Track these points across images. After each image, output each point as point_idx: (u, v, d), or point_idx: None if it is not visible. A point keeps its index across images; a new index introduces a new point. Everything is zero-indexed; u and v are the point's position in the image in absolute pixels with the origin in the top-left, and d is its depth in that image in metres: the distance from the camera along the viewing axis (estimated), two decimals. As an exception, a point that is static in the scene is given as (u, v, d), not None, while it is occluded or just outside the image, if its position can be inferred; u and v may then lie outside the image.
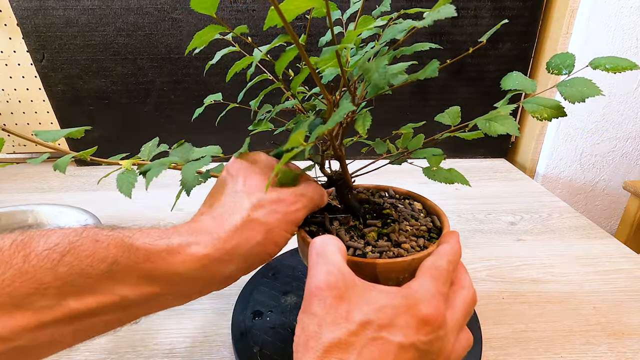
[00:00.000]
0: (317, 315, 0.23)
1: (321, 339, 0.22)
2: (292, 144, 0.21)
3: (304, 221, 0.36)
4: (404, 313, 0.23)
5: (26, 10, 0.76)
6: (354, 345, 0.22)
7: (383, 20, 0.29)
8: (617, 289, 0.47)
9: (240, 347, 0.38)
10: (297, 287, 0.47)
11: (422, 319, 0.23)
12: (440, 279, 0.25)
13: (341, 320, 0.22)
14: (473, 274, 0.50)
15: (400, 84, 0.26)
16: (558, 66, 0.27)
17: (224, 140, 0.86)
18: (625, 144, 0.86)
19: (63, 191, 0.80)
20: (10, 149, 0.97)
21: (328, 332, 0.22)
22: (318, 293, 0.23)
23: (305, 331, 0.23)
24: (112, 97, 0.86)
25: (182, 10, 0.78)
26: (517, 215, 0.66)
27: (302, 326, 0.23)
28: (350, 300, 0.23)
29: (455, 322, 0.25)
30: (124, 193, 0.27)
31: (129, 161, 0.28)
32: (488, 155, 0.96)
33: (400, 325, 0.22)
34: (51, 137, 0.28)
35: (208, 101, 0.40)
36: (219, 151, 0.31)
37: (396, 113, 0.89)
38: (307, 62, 0.23)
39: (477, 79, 0.86)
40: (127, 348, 0.40)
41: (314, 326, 0.22)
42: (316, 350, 0.22)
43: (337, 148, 0.33)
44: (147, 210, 0.69)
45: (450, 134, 0.32)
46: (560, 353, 0.39)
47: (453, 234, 0.30)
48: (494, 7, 0.79)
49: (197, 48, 0.28)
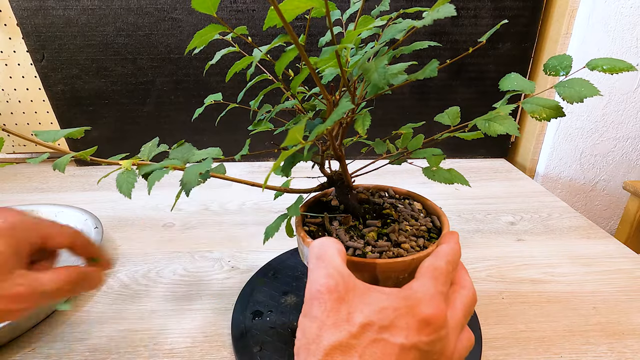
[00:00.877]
0: (317, 319, 0.23)
1: (322, 342, 0.22)
2: (291, 142, 0.21)
3: (304, 221, 0.36)
4: (405, 314, 0.23)
5: (26, 10, 0.76)
6: (355, 347, 0.22)
7: (382, 20, 0.29)
8: (617, 289, 0.47)
9: (240, 347, 0.38)
10: (297, 287, 0.47)
11: (423, 320, 0.23)
12: (440, 279, 0.25)
13: (342, 323, 0.22)
14: (473, 274, 0.50)
15: (399, 84, 0.26)
16: (555, 68, 0.27)
17: (224, 140, 0.87)
18: (625, 144, 0.86)
19: (63, 191, 0.80)
20: (10, 149, 0.97)
21: (329, 335, 0.22)
22: (318, 296, 0.23)
23: (306, 335, 0.23)
24: (112, 97, 0.86)
25: (182, 10, 0.78)
26: (517, 215, 0.66)
27: (302, 329, 0.23)
28: (350, 303, 0.23)
29: (456, 322, 0.25)
30: (123, 193, 0.27)
31: (129, 161, 0.28)
32: (488, 155, 0.96)
33: (401, 327, 0.22)
34: (51, 137, 0.28)
35: (208, 101, 0.40)
36: (220, 153, 0.31)
37: (396, 113, 0.90)
38: (307, 62, 0.23)
39: (477, 79, 0.86)
40: (127, 348, 0.40)
41: (314, 329, 0.22)
42: (317, 353, 0.22)
43: (337, 148, 0.33)
44: (147, 210, 0.70)
45: (450, 134, 0.32)
46: (560, 353, 0.39)
47: (452, 235, 0.30)
48: (494, 7, 0.79)
49: (197, 48, 0.28)
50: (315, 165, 0.37)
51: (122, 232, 0.63)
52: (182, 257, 0.56)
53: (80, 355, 0.39)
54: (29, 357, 0.39)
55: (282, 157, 0.21)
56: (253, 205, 0.71)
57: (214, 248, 0.58)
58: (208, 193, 0.76)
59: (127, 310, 0.45)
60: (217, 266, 0.53)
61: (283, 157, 0.21)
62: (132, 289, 0.49)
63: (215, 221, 0.66)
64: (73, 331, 0.42)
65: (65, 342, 0.41)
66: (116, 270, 0.53)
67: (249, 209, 0.70)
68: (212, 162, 0.29)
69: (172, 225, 0.65)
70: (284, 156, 0.21)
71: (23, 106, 0.91)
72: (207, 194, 0.75)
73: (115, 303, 0.46)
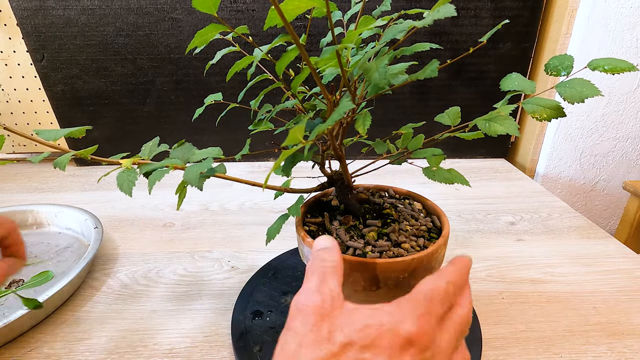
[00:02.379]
0: (298, 334, 0.22)
1: (300, 359, 0.21)
2: (291, 141, 0.21)
3: (304, 221, 0.36)
4: (387, 332, 0.22)
5: (26, 10, 0.76)
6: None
7: (383, 21, 0.29)
8: (617, 289, 0.47)
9: (240, 347, 0.38)
10: (297, 287, 0.46)
11: (406, 339, 0.21)
12: (435, 299, 0.24)
13: (322, 341, 0.21)
14: (473, 274, 0.50)
15: (400, 84, 0.26)
16: (556, 68, 0.27)
17: (224, 140, 0.87)
18: (625, 144, 0.86)
19: (63, 191, 0.80)
20: (10, 149, 0.97)
21: (308, 352, 0.21)
22: (303, 309, 0.23)
23: (284, 350, 0.22)
24: (112, 97, 0.86)
25: (182, 10, 0.78)
26: (517, 215, 0.66)
27: (282, 344, 0.22)
28: (333, 321, 0.22)
29: (446, 343, 0.23)
30: (124, 191, 0.27)
31: (129, 160, 0.28)
32: (488, 155, 0.96)
33: (383, 346, 0.21)
34: (52, 136, 0.28)
35: (208, 101, 0.40)
36: (220, 153, 0.31)
37: (396, 113, 0.90)
38: (308, 62, 0.23)
39: (477, 79, 0.86)
40: (127, 348, 0.40)
41: (294, 345, 0.22)
42: None
43: (337, 148, 0.33)
44: (147, 210, 0.70)
45: (450, 134, 0.32)
46: (560, 353, 0.39)
47: (462, 259, 0.28)
48: (494, 7, 0.79)
49: (198, 47, 0.28)
50: (315, 165, 0.37)
51: (122, 232, 0.63)
52: (182, 257, 0.56)
53: (80, 355, 0.39)
54: (29, 357, 0.39)
55: (283, 156, 0.21)
56: (253, 205, 0.71)
57: (214, 248, 0.58)
58: (208, 193, 0.76)
59: (127, 310, 0.45)
60: (217, 266, 0.53)
61: (284, 156, 0.21)
62: (132, 289, 0.49)
63: (215, 221, 0.66)
64: (73, 331, 0.42)
65: (65, 342, 0.41)
66: (116, 270, 0.53)
67: (249, 209, 0.70)
68: (213, 162, 0.29)
69: (172, 225, 0.65)
70: (284, 155, 0.21)
71: (23, 106, 0.91)
72: (207, 194, 0.75)
73: (115, 303, 0.46)
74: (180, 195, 0.30)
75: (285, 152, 0.22)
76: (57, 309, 0.45)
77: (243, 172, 0.90)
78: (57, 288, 0.43)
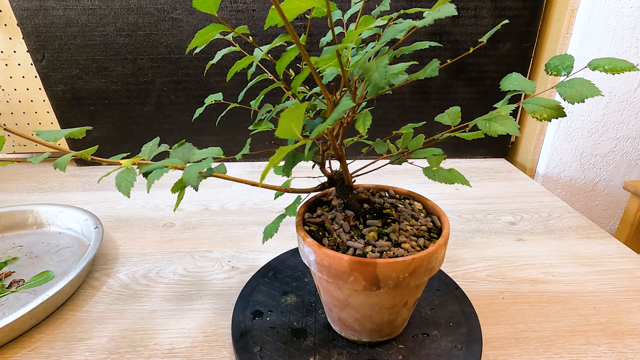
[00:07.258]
0: None
1: None
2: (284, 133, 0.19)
3: (304, 221, 0.36)
4: None
5: (26, 10, 0.76)
6: None
7: (383, 20, 0.29)
8: (617, 289, 0.47)
9: (240, 347, 0.38)
10: (297, 287, 0.47)
11: None
12: None
13: None
14: (473, 274, 0.50)
15: (400, 83, 0.26)
16: (557, 67, 0.27)
17: (225, 140, 0.87)
18: (625, 144, 0.86)
19: (63, 191, 0.80)
20: (10, 149, 0.97)
21: None
22: None
23: None
24: (112, 97, 0.86)
25: (182, 10, 0.78)
26: (517, 215, 0.66)
27: None
28: None
29: None
30: (122, 192, 0.27)
31: (129, 160, 0.28)
32: (488, 155, 0.96)
33: None
34: (52, 136, 0.28)
35: (209, 101, 0.40)
36: (220, 153, 0.31)
37: (396, 113, 0.90)
38: (308, 62, 0.23)
39: (477, 79, 0.86)
40: (127, 348, 0.40)
41: None
42: None
43: (338, 148, 0.33)
44: (147, 210, 0.70)
45: (451, 134, 0.32)
46: (560, 353, 0.39)
47: None
48: (494, 7, 0.79)
49: (198, 47, 0.28)
50: (315, 165, 0.37)
51: (122, 232, 0.63)
52: (182, 257, 0.56)
53: (80, 355, 0.39)
54: (29, 357, 0.39)
55: (280, 152, 0.21)
56: (253, 205, 0.71)
57: (214, 248, 0.58)
58: (208, 193, 0.76)
59: (127, 310, 0.45)
60: (217, 266, 0.53)
61: (280, 152, 0.21)
62: (132, 289, 0.49)
63: (215, 221, 0.66)
64: (73, 331, 0.42)
65: (65, 342, 0.41)
66: (116, 270, 0.53)
67: (249, 209, 0.70)
68: (212, 162, 0.29)
69: (172, 225, 0.65)
70: (281, 152, 0.21)
71: (23, 106, 0.91)
72: (207, 194, 0.75)
73: (115, 303, 0.46)
74: (178, 196, 0.30)
75: (282, 149, 0.21)
76: (58, 309, 0.45)
77: (243, 172, 0.90)
78: (58, 288, 0.43)
